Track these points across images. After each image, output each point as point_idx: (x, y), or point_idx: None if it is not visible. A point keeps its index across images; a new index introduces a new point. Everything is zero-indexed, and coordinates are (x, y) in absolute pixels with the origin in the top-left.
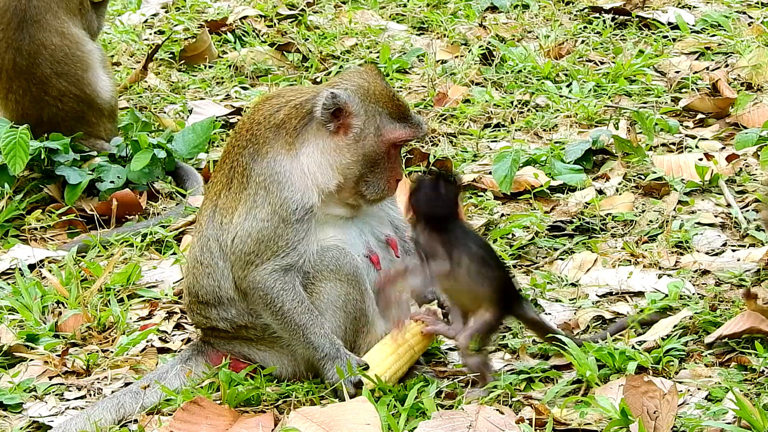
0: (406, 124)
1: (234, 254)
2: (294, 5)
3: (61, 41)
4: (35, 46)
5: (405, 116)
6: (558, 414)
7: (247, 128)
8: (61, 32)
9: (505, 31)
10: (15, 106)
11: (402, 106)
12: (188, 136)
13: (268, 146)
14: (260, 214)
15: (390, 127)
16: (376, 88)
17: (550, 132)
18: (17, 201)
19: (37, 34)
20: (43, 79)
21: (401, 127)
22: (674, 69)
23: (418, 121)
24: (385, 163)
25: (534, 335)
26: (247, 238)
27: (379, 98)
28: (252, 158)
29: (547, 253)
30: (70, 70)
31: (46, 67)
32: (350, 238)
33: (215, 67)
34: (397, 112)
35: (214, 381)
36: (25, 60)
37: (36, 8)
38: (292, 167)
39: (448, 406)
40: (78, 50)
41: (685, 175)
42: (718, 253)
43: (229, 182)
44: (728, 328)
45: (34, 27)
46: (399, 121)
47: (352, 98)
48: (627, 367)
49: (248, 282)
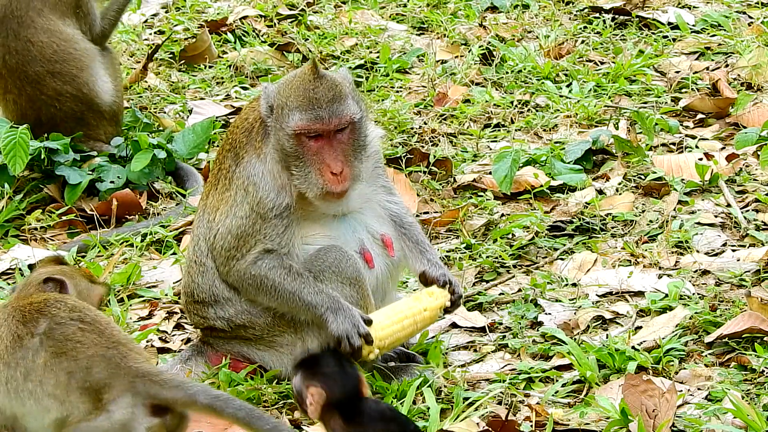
0: (306, 112)
1: (215, 250)
2: (294, 5)
3: (48, 39)
4: (22, 44)
5: (307, 106)
6: (558, 414)
7: (230, 132)
8: (47, 29)
9: (505, 31)
10: (14, 106)
11: (306, 97)
12: (188, 136)
13: (243, 151)
14: (239, 212)
15: (290, 117)
16: (295, 81)
17: (550, 132)
18: (17, 201)
19: (21, 32)
20: (36, 78)
21: (300, 117)
22: (674, 69)
23: (320, 110)
24: (305, 156)
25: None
26: (227, 235)
27: (290, 91)
28: (234, 162)
29: (547, 253)
30: (64, 68)
31: (38, 65)
32: (342, 234)
33: (215, 67)
34: (299, 103)
35: (214, 381)
36: (14, 58)
37: (17, 6)
38: (264, 170)
39: (447, 405)
40: (71, 48)
41: (685, 175)
42: (718, 253)
43: (216, 183)
44: (728, 328)
45: (16, 23)
46: (301, 110)
47: (273, 94)
48: (627, 367)
49: (234, 275)
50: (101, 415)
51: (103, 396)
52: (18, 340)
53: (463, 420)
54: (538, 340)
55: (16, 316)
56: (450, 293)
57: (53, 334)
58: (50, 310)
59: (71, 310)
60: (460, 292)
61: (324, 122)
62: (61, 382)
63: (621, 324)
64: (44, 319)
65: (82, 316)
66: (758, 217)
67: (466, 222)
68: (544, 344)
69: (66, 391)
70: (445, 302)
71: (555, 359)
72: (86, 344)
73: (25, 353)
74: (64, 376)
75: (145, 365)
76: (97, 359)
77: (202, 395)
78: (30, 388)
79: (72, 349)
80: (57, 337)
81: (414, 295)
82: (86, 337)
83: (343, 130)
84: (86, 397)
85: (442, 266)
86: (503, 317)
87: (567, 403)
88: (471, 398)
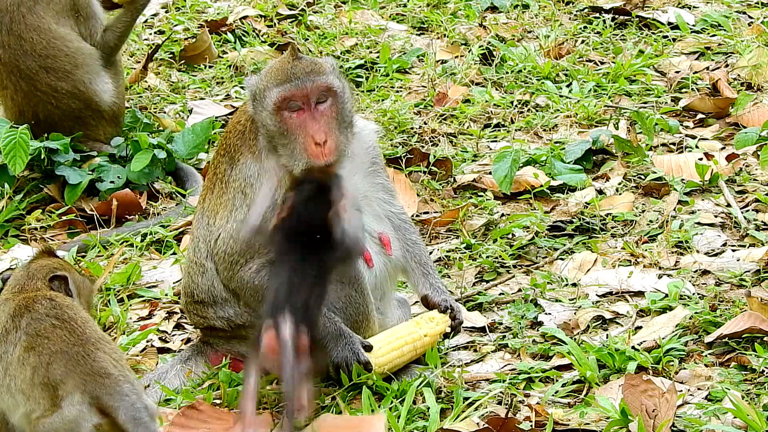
0: (283, 85)
1: (218, 255)
2: (294, 5)
3: (38, 36)
4: (14, 38)
5: (284, 79)
6: (558, 414)
7: (224, 137)
8: (37, 27)
9: (505, 31)
10: (11, 102)
11: (283, 72)
12: (188, 136)
13: (239, 153)
14: (240, 216)
15: (269, 95)
16: (275, 64)
17: (550, 132)
18: (17, 201)
19: (13, 27)
20: (30, 74)
21: (278, 90)
22: (674, 69)
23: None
24: (289, 131)
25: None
26: (229, 240)
27: (269, 74)
28: (229, 165)
29: (547, 253)
30: (56, 64)
31: (31, 61)
32: None
33: (215, 67)
34: (277, 79)
35: (214, 381)
36: (7, 53)
37: (10, 2)
38: (261, 169)
39: (447, 405)
40: (62, 46)
41: (685, 175)
42: (718, 253)
43: (212, 187)
44: (728, 328)
45: (8, 18)
46: (278, 85)
47: (254, 82)
48: (627, 367)
49: (237, 282)
50: (56, 412)
51: (59, 393)
52: (5, 334)
53: (463, 420)
54: (538, 340)
55: (7, 310)
56: (451, 319)
57: (29, 329)
58: (35, 305)
59: (53, 307)
60: (461, 318)
61: (301, 89)
62: (27, 377)
63: (621, 324)
64: (27, 314)
65: (60, 313)
66: (758, 217)
67: (466, 222)
68: (544, 344)
69: (30, 386)
70: (445, 328)
71: (555, 359)
72: (53, 341)
73: (7, 348)
74: (30, 371)
75: (106, 366)
76: (58, 356)
77: (124, 412)
78: (7, 382)
79: (39, 345)
80: (30, 332)
81: (415, 320)
82: (55, 333)
83: (324, 102)
84: (46, 393)
85: (445, 291)
86: (503, 317)
87: (567, 403)
88: (471, 398)
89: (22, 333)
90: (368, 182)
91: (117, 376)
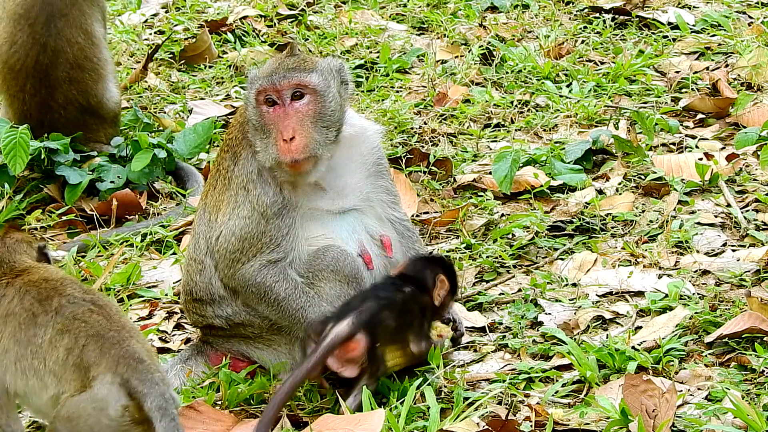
0: (264, 78)
1: (218, 252)
2: (294, 5)
3: (85, 40)
4: (61, 43)
5: (267, 72)
6: (558, 414)
7: (228, 132)
8: (86, 30)
9: (505, 31)
10: (21, 105)
11: (267, 65)
12: (189, 136)
13: (240, 147)
14: (242, 212)
15: (250, 85)
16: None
17: (550, 132)
18: (17, 201)
19: (64, 29)
20: (55, 84)
21: (259, 82)
22: (674, 69)
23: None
24: (264, 125)
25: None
26: (231, 237)
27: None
28: (232, 161)
29: (547, 253)
30: (83, 77)
31: (63, 70)
32: (341, 235)
33: (215, 67)
34: (261, 72)
35: (215, 381)
36: (48, 58)
37: (64, 4)
38: (259, 165)
39: (448, 405)
40: (94, 57)
41: (685, 175)
42: (718, 253)
43: (215, 184)
44: (728, 328)
45: (62, 21)
46: (261, 77)
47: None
48: (627, 367)
49: (237, 280)
50: (86, 391)
51: (90, 373)
52: (33, 317)
53: (463, 420)
54: (538, 340)
55: (31, 293)
56: (452, 330)
57: (63, 312)
58: (65, 289)
59: (86, 292)
60: (462, 330)
61: (276, 84)
62: (60, 358)
63: (621, 324)
64: (58, 298)
65: (95, 299)
66: (758, 217)
67: (466, 222)
68: (544, 344)
69: (63, 368)
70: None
71: (555, 359)
72: (90, 324)
73: (37, 331)
74: (63, 352)
75: (140, 353)
76: (94, 339)
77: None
78: (35, 365)
79: (75, 328)
80: (66, 315)
81: None
82: (93, 318)
83: (301, 98)
84: (77, 374)
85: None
86: (503, 317)
87: (567, 403)
88: (471, 398)
89: (54, 315)
90: (371, 183)
91: (149, 363)
